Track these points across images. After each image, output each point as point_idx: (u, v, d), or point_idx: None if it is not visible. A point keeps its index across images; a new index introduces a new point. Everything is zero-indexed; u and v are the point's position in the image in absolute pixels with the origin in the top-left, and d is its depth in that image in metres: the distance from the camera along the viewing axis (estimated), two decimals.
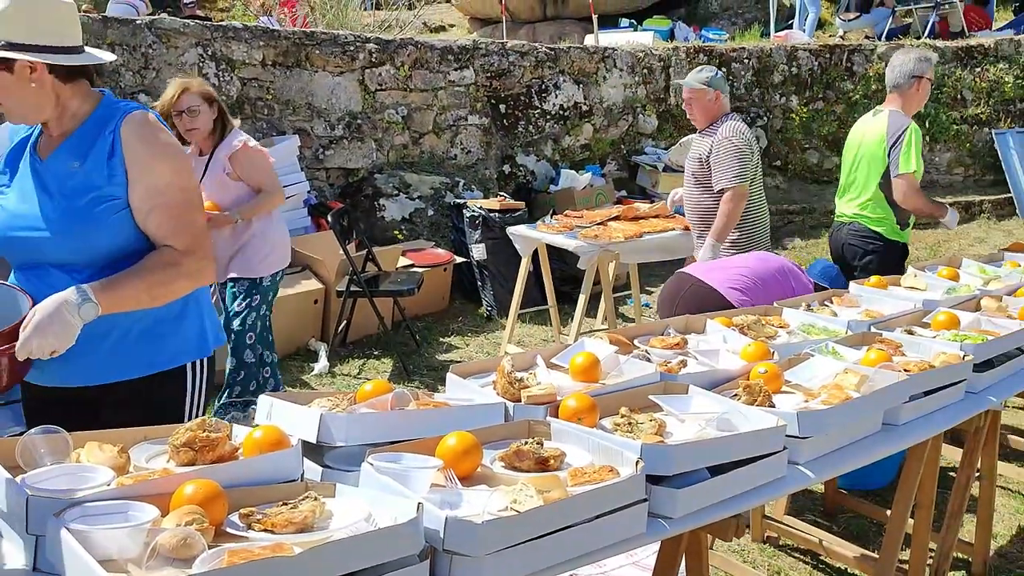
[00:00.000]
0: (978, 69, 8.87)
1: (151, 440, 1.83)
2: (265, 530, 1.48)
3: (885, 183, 4.17)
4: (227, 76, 6.24)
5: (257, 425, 1.84)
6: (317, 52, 6.58)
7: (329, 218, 5.19)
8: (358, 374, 5.18)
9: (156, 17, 6.51)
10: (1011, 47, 8.91)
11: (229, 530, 1.48)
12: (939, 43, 9.00)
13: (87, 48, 2.17)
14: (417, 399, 2.00)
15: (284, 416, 1.88)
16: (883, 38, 9.73)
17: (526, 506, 1.54)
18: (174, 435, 1.73)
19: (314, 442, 1.79)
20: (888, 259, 4.16)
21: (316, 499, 1.56)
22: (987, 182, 8.93)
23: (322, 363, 5.10)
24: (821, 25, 11.10)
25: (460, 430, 1.79)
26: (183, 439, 1.71)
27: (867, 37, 10.14)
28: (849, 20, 10.31)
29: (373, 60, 6.80)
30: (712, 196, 4.36)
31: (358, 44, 6.76)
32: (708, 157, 4.33)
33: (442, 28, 13.01)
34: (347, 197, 6.67)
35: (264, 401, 1.94)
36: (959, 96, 8.84)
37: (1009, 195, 8.57)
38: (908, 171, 4.06)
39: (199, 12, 10.75)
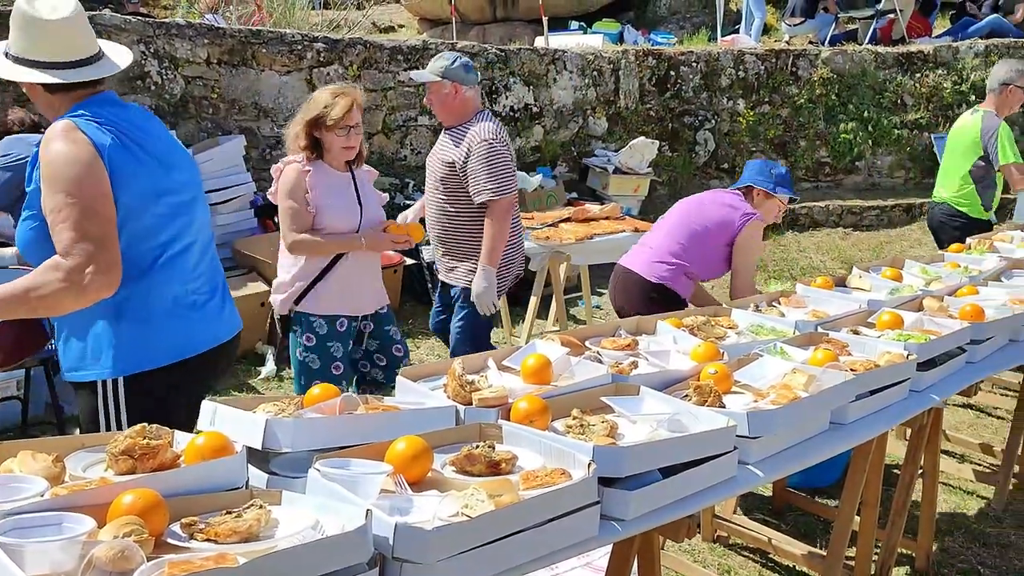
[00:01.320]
0: (918, 75, 9.08)
1: (88, 448, 1.77)
2: (208, 540, 1.44)
3: (975, 171, 4.97)
4: (170, 74, 6.10)
5: (200, 431, 1.79)
6: (264, 51, 6.48)
7: (276, 219, 5.09)
8: None
9: (96, 13, 6.34)
10: (949, 54, 9.15)
11: (170, 541, 1.44)
12: (880, 49, 9.21)
13: (105, 54, 2.27)
14: (366, 403, 1.97)
15: (228, 422, 1.82)
16: (827, 43, 9.90)
17: (477, 511, 1.52)
18: (112, 443, 1.67)
19: (259, 448, 1.75)
20: (973, 233, 4.76)
21: (261, 507, 1.52)
22: (927, 185, 9.12)
23: (269, 367, 5.01)
24: (767, 30, 11.27)
25: (410, 434, 1.76)
26: (122, 447, 1.65)
27: (811, 42, 10.32)
28: (794, 25, 10.48)
29: (321, 59, 6.71)
30: (465, 208, 3.80)
31: (306, 43, 6.67)
32: (463, 163, 3.71)
33: (391, 28, 12.91)
34: None
35: (207, 407, 1.88)
36: (900, 101, 9.05)
37: None
38: (1007, 161, 4.87)
39: (142, 9, 10.52)
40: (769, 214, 3.82)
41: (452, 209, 3.82)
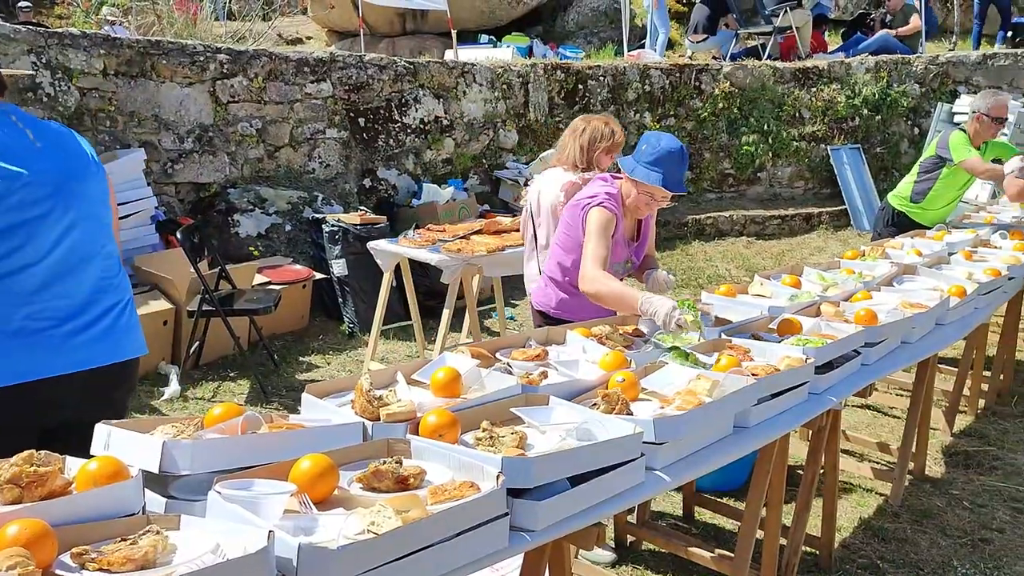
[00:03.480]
0: (814, 89, 9.45)
1: None
2: (101, 570, 1.38)
3: (925, 162, 5.38)
4: (64, 85, 5.87)
5: (92, 456, 1.71)
6: (164, 62, 6.30)
7: (179, 235, 4.96)
8: (212, 397, 4.96)
9: None
10: (842, 69, 9.56)
11: (59, 572, 1.37)
12: (779, 64, 9.55)
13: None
14: (271, 421, 1.92)
15: (123, 445, 1.76)
16: (728, 59, 10.22)
17: (384, 528, 1.50)
18: None
19: (157, 472, 1.68)
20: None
21: (158, 533, 1.46)
22: (825, 195, 9.52)
23: (173, 387, 4.86)
24: (671, 45, 11.57)
25: (315, 452, 1.72)
26: (7, 475, 1.57)
27: (714, 57, 10.64)
28: (697, 42, 10.78)
29: (225, 71, 6.56)
30: None
31: (208, 54, 6.51)
32: None
33: (299, 40, 12.74)
34: (198, 213, 6.39)
35: (101, 430, 1.81)
36: (798, 114, 9.40)
37: (844, 207, 9.17)
38: (961, 159, 5.12)
39: (35, 19, 10.09)
40: (634, 203, 3.23)
41: None
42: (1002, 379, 5.30)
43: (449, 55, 9.20)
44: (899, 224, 5.46)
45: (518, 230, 5.48)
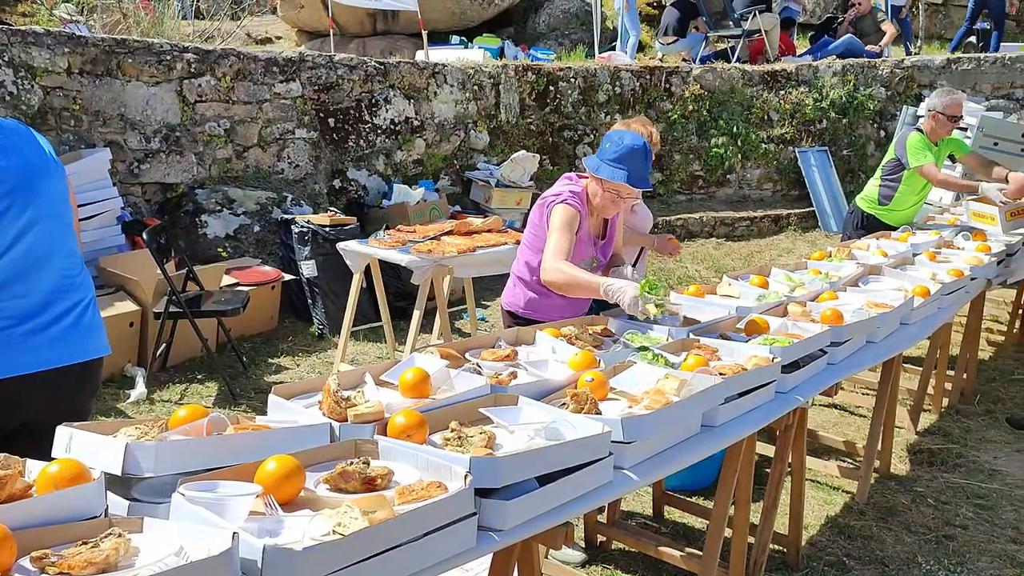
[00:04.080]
0: (782, 92, 9.55)
1: None
2: (61, 573, 1.36)
3: (886, 166, 5.49)
4: (27, 84, 5.78)
5: (54, 459, 1.69)
6: (130, 61, 6.22)
7: (145, 235, 4.89)
8: (180, 400, 4.90)
9: None
10: (810, 72, 9.66)
11: None
12: (747, 67, 9.63)
13: None
14: (237, 423, 1.91)
15: (86, 447, 1.73)
16: (698, 61, 10.30)
17: (351, 529, 1.49)
18: None
19: (119, 474, 1.66)
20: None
21: (120, 535, 1.44)
22: (793, 197, 9.61)
23: (139, 389, 4.80)
24: (641, 47, 11.62)
25: (281, 453, 1.71)
26: None
27: (684, 60, 10.70)
28: (667, 44, 10.84)
29: (192, 70, 6.50)
30: None
31: (175, 53, 6.44)
32: None
33: (268, 40, 12.64)
34: (165, 213, 6.32)
35: (63, 432, 1.78)
36: (767, 117, 9.49)
37: (812, 209, 9.27)
38: (918, 164, 5.23)
39: None
40: (605, 198, 3.18)
41: None
42: (965, 378, 5.38)
43: (420, 56, 9.18)
44: (868, 227, 5.54)
45: (490, 231, 5.49)
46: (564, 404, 2.23)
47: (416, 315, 4.79)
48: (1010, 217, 5.38)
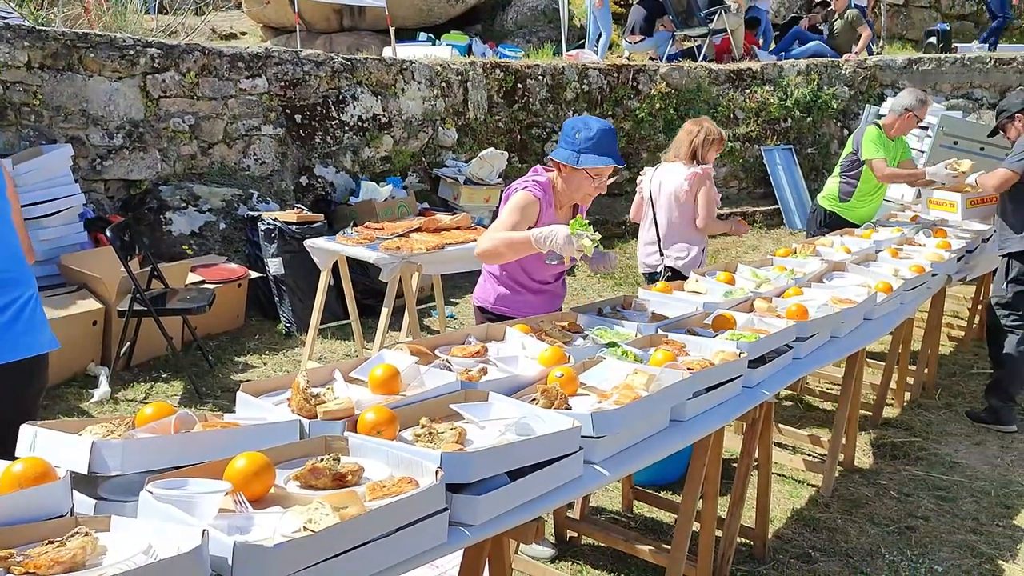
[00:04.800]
0: (747, 91, 9.65)
1: None
2: (27, 573, 1.34)
3: (845, 162, 5.64)
4: None
5: (18, 458, 1.66)
6: (92, 55, 6.12)
7: (108, 233, 4.82)
8: (144, 399, 4.84)
9: None
10: (775, 71, 9.77)
11: None
12: (713, 66, 9.72)
13: None
14: (204, 420, 1.89)
15: (51, 446, 1.71)
16: (665, 60, 10.37)
17: (321, 525, 1.49)
18: None
19: (86, 473, 1.64)
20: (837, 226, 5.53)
21: (87, 534, 1.43)
22: (758, 194, 9.72)
23: (103, 389, 4.73)
24: (610, 46, 11.67)
25: (251, 450, 1.70)
26: None
27: (651, 58, 10.77)
28: (635, 43, 10.90)
29: (156, 66, 6.41)
30: None
31: (138, 48, 6.35)
32: None
33: (233, 36, 12.51)
34: (129, 210, 6.23)
35: (27, 431, 1.75)
36: (732, 115, 9.58)
37: (778, 206, 9.38)
38: (871, 156, 5.38)
39: None
40: (578, 190, 3.18)
41: None
42: (927, 372, 5.48)
43: (387, 52, 9.14)
44: (831, 224, 5.61)
45: (458, 228, 5.48)
46: (534, 400, 2.24)
47: (385, 312, 4.77)
48: (970, 205, 5.51)
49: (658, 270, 4.61)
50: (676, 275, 4.43)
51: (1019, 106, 4.93)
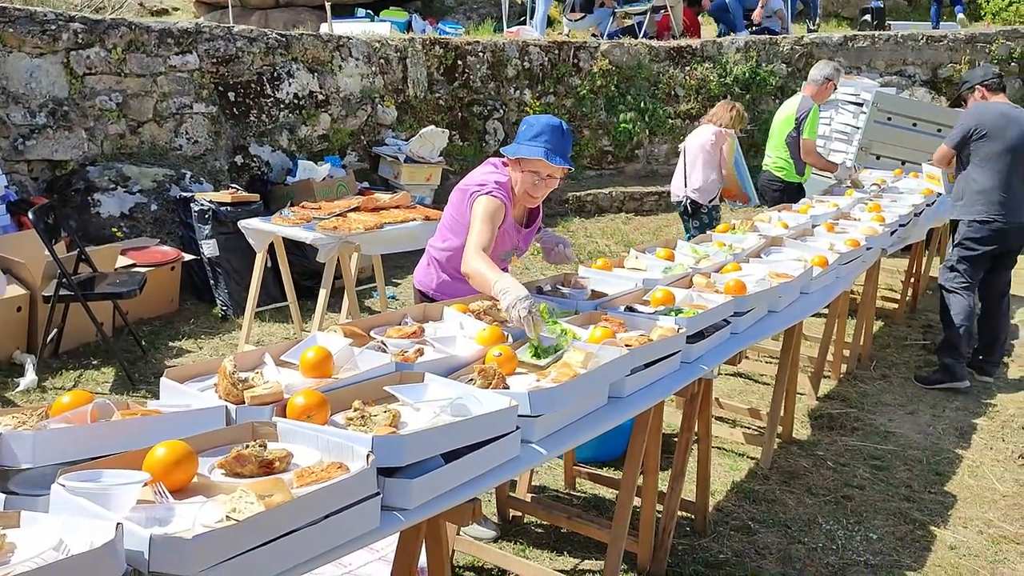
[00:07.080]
0: (688, 68, 9.69)
1: None
2: None
3: (789, 141, 6.15)
4: None
5: None
6: (11, 30, 5.86)
7: (31, 215, 4.63)
8: (74, 387, 4.68)
9: None
10: (715, 48, 9.82)
11: None
12: (654, 43, 9.73)
13: None
14: (125, 408, 1.81)
15: None
16: (605, 37, 10.34)
17: (245, 514, 1.43)
18: None
19: None
20: (789, 194, 6.17)
21: None
22: None
23: (29, 377, 4.56)
24: (550, 23, 11.60)
25: (172, 439, 1.63)
26: None
27: (592, 35, 10.74)
28: (575, 20, 10.85)
29: (80, 41, 6.17)
30: None
31: (61, 23, 6.10)
32: None
33: (164, 12, 12.14)
34: (54, 192, 6.00)
35: None
36: (673, 93, 9.61)
37: None
38: (809, 137, 6.06)
39: None
40: (526, 181, 3.11)
41: None
42: (862, 345, 5.59)
43: (324, 29, 8.95)
44: (787, 192, 6.20)
45: (398, 207, 5.40)
46: (471, 380, 2.20)
47: (323, 294, 4.68)
48: (952, 179, 5.69)
49: (682, 199, 6.11)
50: (695, 204, 6.05)
51: (980, 79, 5.16)
